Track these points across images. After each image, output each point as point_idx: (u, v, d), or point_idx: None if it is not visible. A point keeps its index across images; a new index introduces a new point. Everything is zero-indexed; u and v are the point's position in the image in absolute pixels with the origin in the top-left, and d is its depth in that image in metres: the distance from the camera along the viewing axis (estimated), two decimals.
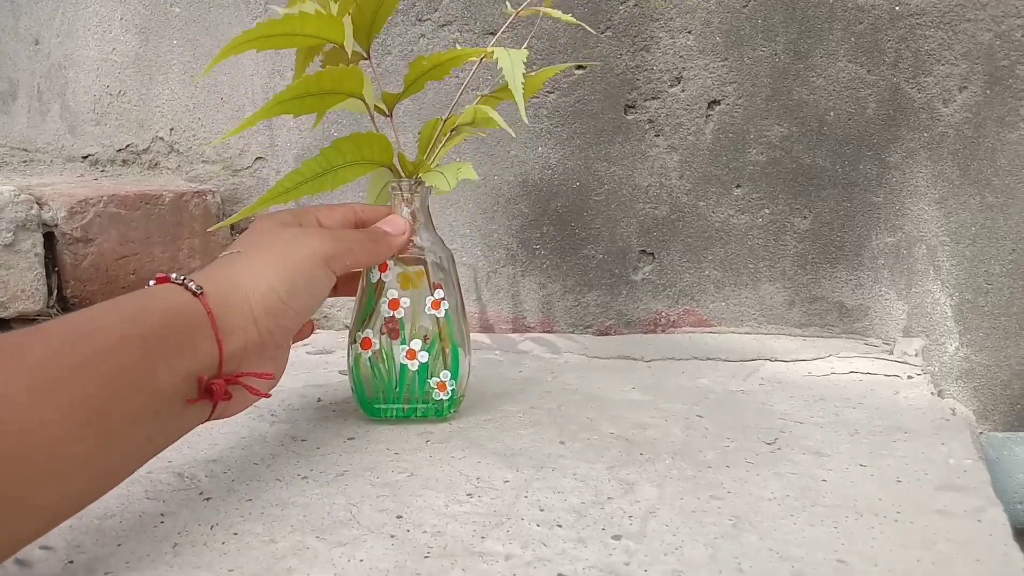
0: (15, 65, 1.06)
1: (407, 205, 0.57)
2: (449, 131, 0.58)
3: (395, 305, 0.55)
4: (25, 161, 0.98)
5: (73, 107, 0.97)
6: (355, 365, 0.56)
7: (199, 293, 0.43)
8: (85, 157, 0.96)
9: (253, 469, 0.51)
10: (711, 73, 0.75)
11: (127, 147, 0.93)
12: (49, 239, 0.70)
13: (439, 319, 0.55)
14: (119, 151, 0.94)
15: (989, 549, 0.40)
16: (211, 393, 0.42)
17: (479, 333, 0.82)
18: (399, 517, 0.44)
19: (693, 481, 0.48)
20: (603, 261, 0.80)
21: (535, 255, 0.81)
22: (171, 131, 0.90)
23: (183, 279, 0.43)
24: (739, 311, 0.79)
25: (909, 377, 0.67)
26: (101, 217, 0.73)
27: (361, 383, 0.56)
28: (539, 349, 0.77)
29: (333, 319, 0.86)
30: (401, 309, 0.55)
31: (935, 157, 0.71)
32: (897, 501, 0.46)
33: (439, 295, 0.56)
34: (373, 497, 0.47)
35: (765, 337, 0.78)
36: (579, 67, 0.77)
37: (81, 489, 0.37)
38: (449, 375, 0.56)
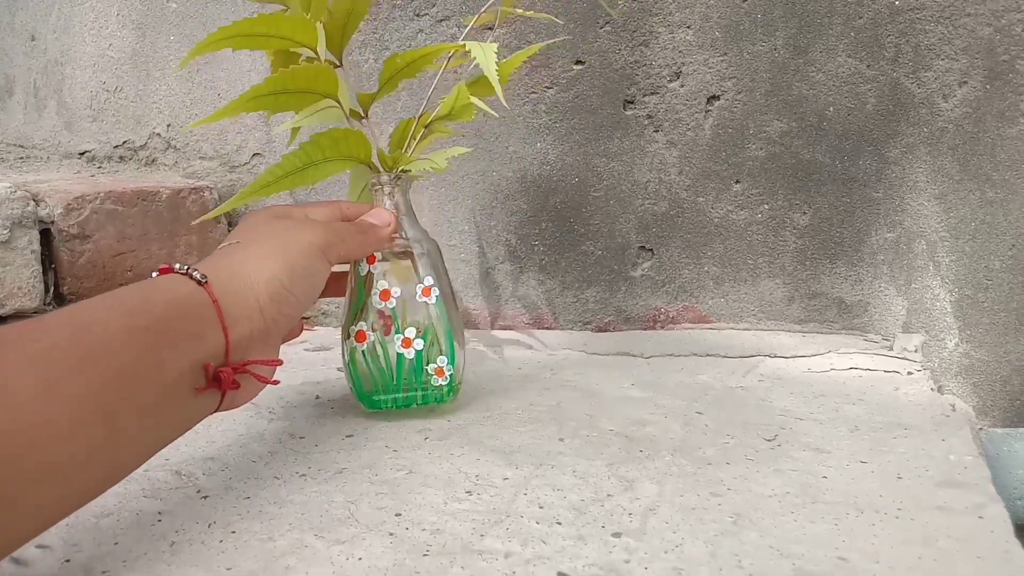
0: (11, 61, 1.06)
1: (389, 199, 0.58)
2: (423, 127, 0.59)
3: (386, 296, 0.56)
4: (21, 158, 0.98)
5: (70, 103, 0.97)
6: (351, 359, 0.56)
7: (203, 282, 0.43)
8: (82, 154, 0.96)
9: (251, 467, 0.50)
10: (710, 68, 0.75)
11: (124, 143, 0.93)
12: (46, 236, 0.70)
13: (431, 306, 0.56)
14: (116, 147, 0.93)
15: (990, 546, 0.40)
16: (219, 382, 0.42)
17: (477, 330, 0.82)
18: (398, 515, 0.44)
19: (693, 478, 0.48)
20: (602, 257, 0.79)
21: (534, 251, 0.80)
22: (168, 127, 0.90)
23: (187, 269, 0.43)
24: (738, 307, 0.79)
25: (909, 373, 0.67)
26: (98, 214, 0.73)
27: (359, 377, 0.56)
28: (538, 345, 0.77)
29: (331, 315, 0.86)
30: (392, 299, 0.56)
31: (935, 152, 0.71)
32: (898, 498, 0.46)
33: (429, 282, 0.57)
34: (372, 495, 0.46)
35: (764, 333, 0.78)
36: (578, 62, 0.76)
37: (90, 481, 0.36)
38: (446, 360, 0.56)
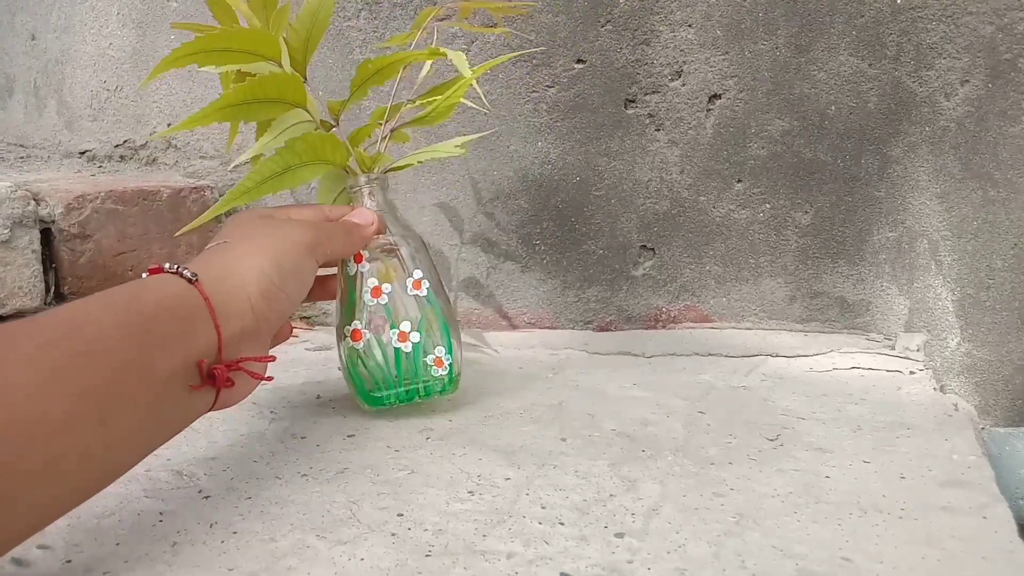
0: (11, 61, 1.06)
1: (370, 199, 0.59)
2: (396, 115, 0.61)
3: (377, 293, 0.56)
4: (22, 157, 0.97)
5: (70, 103, 0.96)
6: (349, 359, 0.56)
7: (194, 280, 0.43)
8: (82, 153, 0.95)
9: (252, 467, 0.50)
10: (712, 67, 0.75)
11: (124, 143, 0.92)
12: (46, 235, 0.70)
13: (422, 298, 0.57)
14: (116, 147, 0.93)
15: (994, 546, 0.40)
16: (213, 379, 0.42)
17: (479, 329, 0.82)
18: (400, 515, 0.44)
19: (696, 478, 0.48)
20: (603, 256, 0.79)
21: (535, 251, 0.80)
22: (169, 127, 0.90)
23: (177, 268, 0.44)
24: (740, 306, 0.79)
25: (911, 373, 0.67)
26: (99, 213, 0.73)
27: (358, 376, 0.56)
28: (539, 345, 0.77)
29: (332, 315, 0.86)
30: (384, 296, 0.56)
31: (937, 151, 0.71)
32: (901, 498, 0.45)
33: (418, 275, 0.57)
34: (373, 495, 0.46)
35: (766, 333, 0.77)
36: (579, 61, 0.76)
37: (86, 479, 0.36)
38: (444, 350, 0.57)
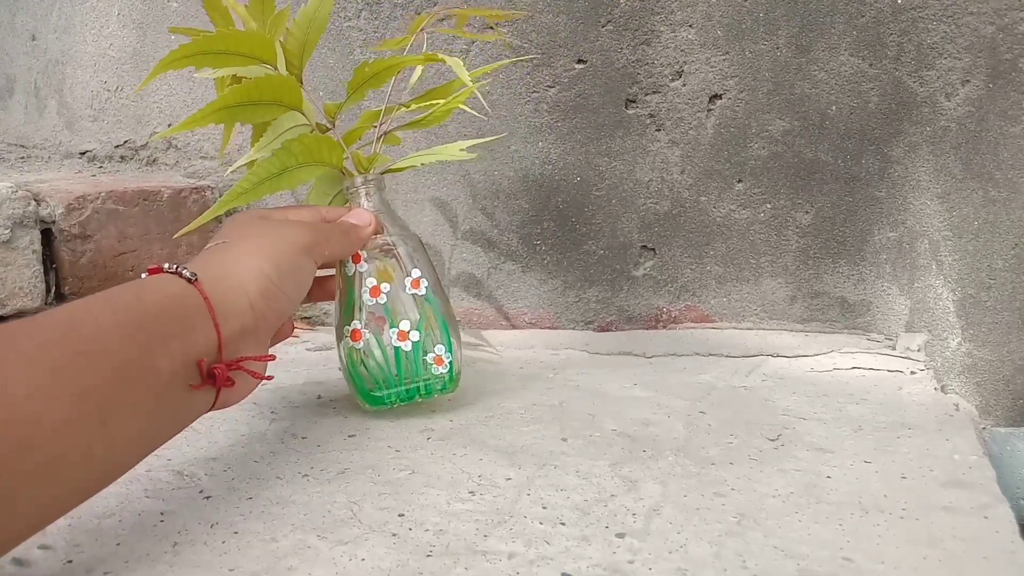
0: (12, 61, 1.06)
1: (367, 200, 0.59)
2: (389, 118, 0.61)
3: (376, 292, 0.57)
4: (22, 157, 0.97)
5: (70, 103, 0.96)
6: (349, 359, 0.56)
7: (194, 280, 0.43)
8: (83, 153, 0.95)
9: (253, 467, 0.50)
10: (712, 67, 0.75)
11: (125, 143, 0.92)
12: (47, 236, 0.70)
13: (421, 297, 0.57)
14: (117, 147, 0.93)
15: (996, 546, 0.40)
16: (214, 378, 0.42)
17: (479, 329, 0.82)
18: (401, 515, 0.44)
19: (697, 478, 0.48)
20: (604, 257, 0.79)
21: (536, 251, 0.80)
22: (169, 127, 0.90)
23: (176, 267, 0.44)
24: (741, 307, 0.79)
25: (912, 373, 0.67)
26: (99, 213, 0.73)
27: (358, 376, 0.56)
28: (540, 345, 0.77)
29: (332, 315, 0.86)
30: (383, 295, 0.56)
31: (937, 151, 0.71)
32: (902, 498, 0.45)
33: (416, 274, 0.57)
34: (374, 495, 0.46)
35: (767, 333, 0.77)
36: (580, 61, 0.76)
37: (86, 479, 0.36)
38: (444, 348, 0.57)
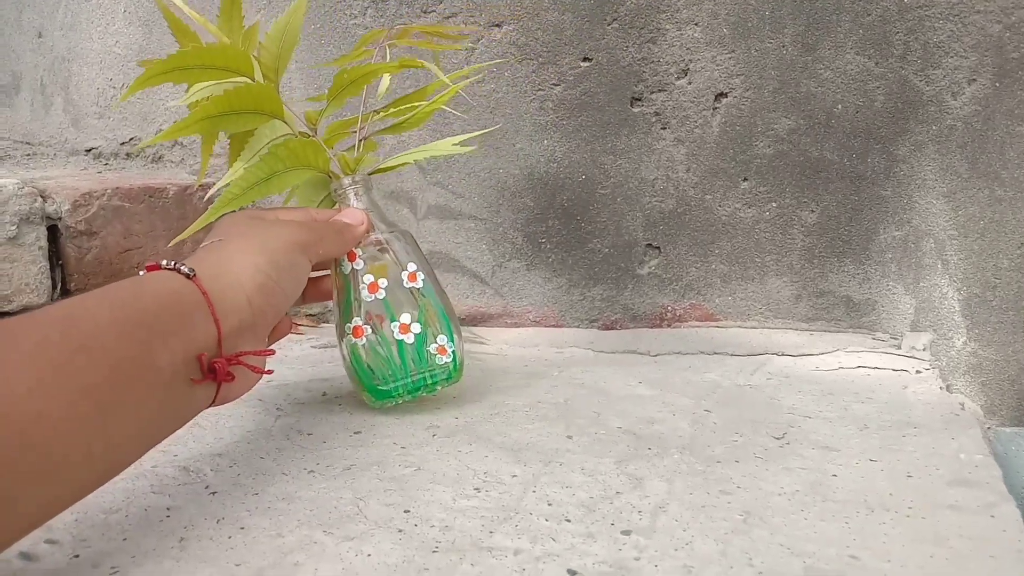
0: (18, 58, 1.06)
1: (357, 200, 0.60)
2: (368, 120, 0.62)
3: (374, 288, 0.57)
4: (28, 154, 0.97)
5: (76, 100, 0.97)
6: (353, 356, 0.57)
7: (192, 276, 0.43)
8: (89, 150, 0.96)
9: (259, 463, 0.50)
10: (718, 65, 0.75)
11: (131, 140, 0.93)
12: (53, 232, 0.70)
13: (419, 290, 0.58)
14: (123, 144, 0.93)
15: (1003, 545, 0.40)
16: (214, 373, 0.42)
17: (484, 327, 0.82)
18: (407, 511, 0.44)
19: (702, 476, 0.48)
20: (609, 255, 0.79)
21: (540, 249, 0.80)
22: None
23: (174, 264, 0.44)
24: (746, 305, 0.78)
25: (917, 372, 0.67)
26: (105, 210, 0.73)
27: (363, 371, 0.57)
28: (544, 343, 0.77)
29: (333, 315, 0.86)
30: (381, 290, 0.57)
31: (944, 150, 0.71)
32: (908, 496, 0.45)
33: (412, 268, 0.58)
34: (380, 491, 0.46)
35: (772, 332, 0.77)
36: (585, 59, 0.76)
37: (87, 474, 0.36)
38: (446, 338, 0.57)
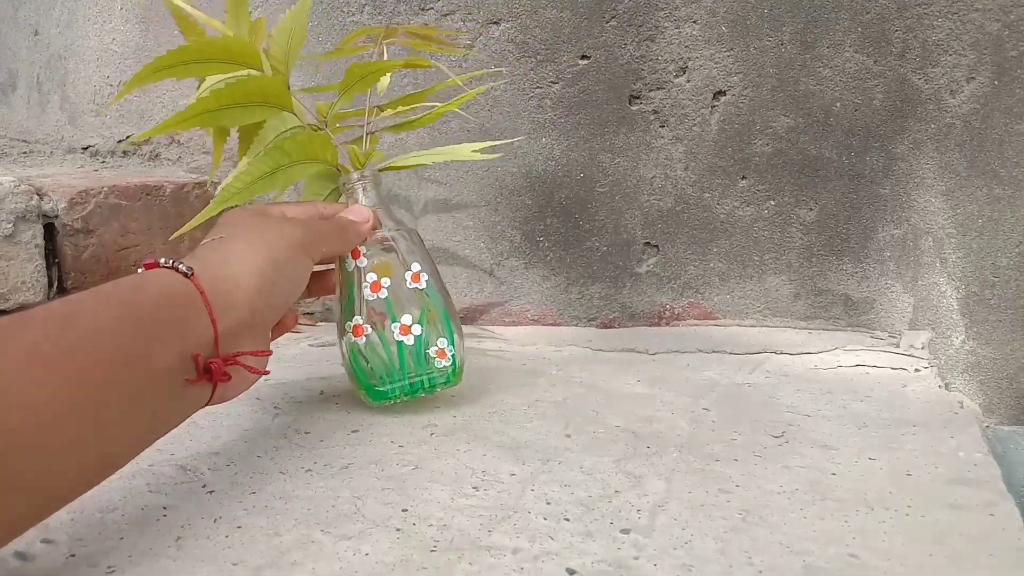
0: (14, 56, 1.06)
1: (364, 196, 0.59)
2: (374, 116, 0.62)
3: (377, 287, 0.57)
4: (25, 152, 0.97)
5: (73, 98, 0.96)
6: (352, 355, 0.56)
7: (190, 274, 0.43)
8: (85, 148, 0.95)
9: (256, 462, 0.50)
10: (717, 63, 0.74)
11: (127, 138, 0.92)
12: (49, 230, 0.70)
13: (422, 291, 0.57)
14: (119, 142, 0.93)
15: (1002, 544, 0.40)
16: (210, 373, 0.42)
17: (482, 326, 0.82)
18: (404, 510, 0.44)
19: (701, 474, 0.48)
20: (607, 253, 0.79)
21: (539, 247, 0.80)
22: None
23: (172, 262, 0.44)
24: (744, 304, 0.78)
25: (916, 370, 0.67)
26: (102, 208, 0.73)
27: (361, 371, 0.56)
28: (543, 342, 0.77)
29: (334, 311, 0.86)
30: (383, 290, 0.56)
31: (942, 148, 0.71)
32: (908, 495, 0.45)
33: (416, 268, 0.57)
34: (378, 490, 0.46)
35: (770, 330, 0.77)
36: (583, 57, 0.76)
37: (83, 472, 0.36)
38: (446, 342, 0.57)
